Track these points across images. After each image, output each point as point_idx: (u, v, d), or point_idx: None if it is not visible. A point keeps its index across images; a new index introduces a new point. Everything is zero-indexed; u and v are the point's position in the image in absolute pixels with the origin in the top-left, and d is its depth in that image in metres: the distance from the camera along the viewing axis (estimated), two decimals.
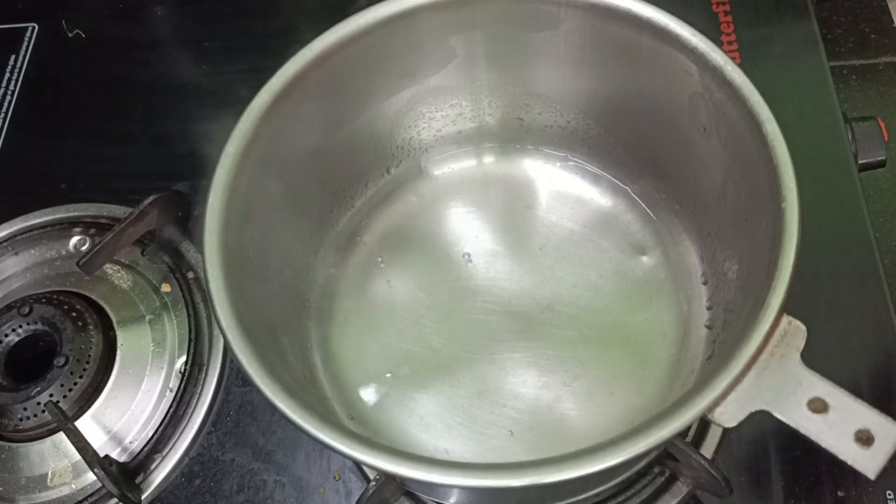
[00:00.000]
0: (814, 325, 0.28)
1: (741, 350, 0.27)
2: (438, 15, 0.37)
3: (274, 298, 0.39)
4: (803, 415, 0.27)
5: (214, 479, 0.41)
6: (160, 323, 0.44)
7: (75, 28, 0.59)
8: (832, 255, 0.42)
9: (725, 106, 0.32)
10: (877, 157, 0.41)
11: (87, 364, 0.42)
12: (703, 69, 0.33)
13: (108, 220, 0.48)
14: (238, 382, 0.43)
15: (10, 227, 0.49)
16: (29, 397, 0.41)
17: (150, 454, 0.41)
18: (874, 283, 0.41)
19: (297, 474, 0.40)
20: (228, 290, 0.31)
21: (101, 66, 0.57)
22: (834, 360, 0.38)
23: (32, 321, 0.43)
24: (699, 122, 0.35)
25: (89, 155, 0.53)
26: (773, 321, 0.27)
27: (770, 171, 0.30)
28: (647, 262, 0.41)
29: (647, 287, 0.41)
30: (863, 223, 0.42)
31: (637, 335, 0.39)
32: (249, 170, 0.34)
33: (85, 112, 0.55)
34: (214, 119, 0.35)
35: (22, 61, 0.58)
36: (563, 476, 0.25)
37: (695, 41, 0.33)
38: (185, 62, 0.56)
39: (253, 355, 0.29)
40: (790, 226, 0.28)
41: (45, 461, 0.42)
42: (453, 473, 0.26)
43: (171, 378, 0.43)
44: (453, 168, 0.46)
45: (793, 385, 0.28)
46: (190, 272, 0.46)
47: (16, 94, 0.56)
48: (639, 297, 0.40)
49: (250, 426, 0.42)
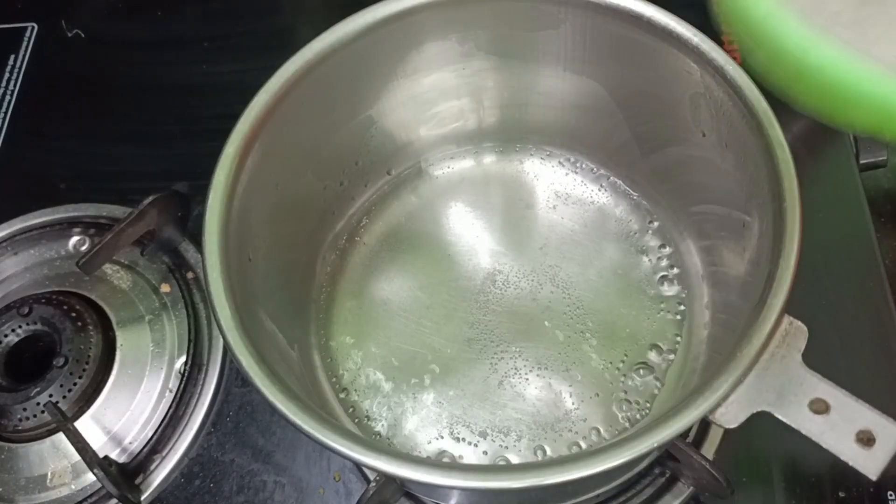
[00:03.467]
0: (815, 326, 0.28)
1: (742, 351, 0.27)
2: (439, 14, 0.37)
3: (274, 299, 0.39)
4: (805, 416, 0.27)
5: (214, 479, 0.41)
6: (160, 323, 0.44)
7: (75, 28, 0.59)
8: (834, 256, 0.42)
9: (726, 105, 0.32)
10: (878, 157, 0.41)
11: (86, 364, 0.42)
12: (704, 68, 0.33)
13: (107, 220, 0.48)
14: (238, 383, 0.43)
15: (9, 228, 0.48)
16: (28, 398, 0.41)
17: (149, 455, 0.41)
18: (876, 283, 0.41)
19: (297, 475, 0.40)
20: (228, 290, 0.31)
21: (101, 65, 0.57)
22: (835, 360, 0.38)
23: (32, 321, 0.43)
24: (700, 122, 0.35)
25: (89, 155, 0.53)
26: (775, 322, 0.27)
27: (771, 171, 0.30)
28: (648, 262, 0.41)
29: (648, 287, 0.41)
30: (864, 223, 0.42)
31: (637, 335, 0.39)
32: (249, 170, 0.34)
33: (84, 112, 0.55)
34: (214, 119, 0.35)
35: (21, 61, 0.58)
36: (565, 477, 0.25)
37: (696, 40, 0.33)
38: (184, 62, 0.56)
39: (253, 356, 0.29)
40: (791, 226, 0.28)
41: (45, 462, 0.41)
42: (454, 475, 0.26)
43: (170, 378, 0.43)
44: (453, 168, 0.46)
45: (794, 386, 0.28)
46: (189, 272, 0.46)
47: (15, 93, 0.56)
48: (639, 297, 0.40)
49: (250, 427, 0.42)
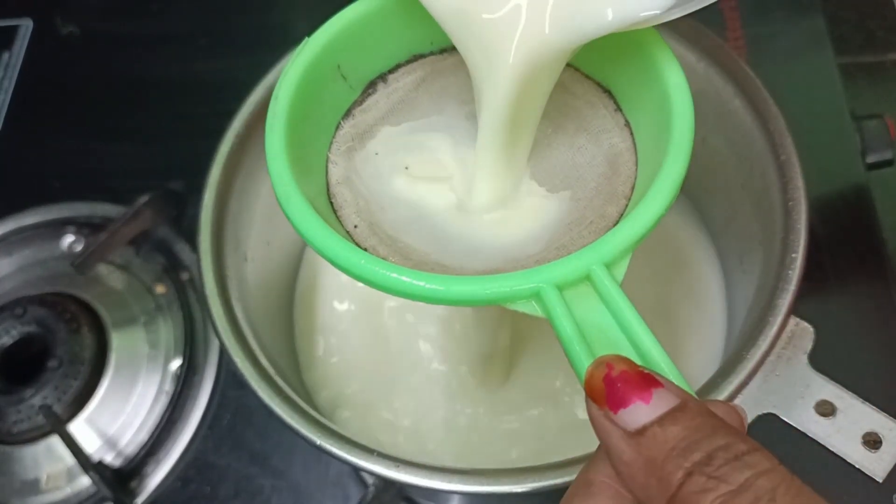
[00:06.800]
0: (822, 327, 0.28)
1: (749, 353, 0.26)
2: None
3: (271, 299, 0.38)
4: (811, 418, 0.27)
5: (210, 483, 0.40)
6: (154, 325, 0.44)
7: (70, 25, 0.58)
8: (841, 256, 0.41)
9: (732, 103, 0.32)
10: (884, 156, 0.40)
11: (80, 366, 0.41)
12: (710, 65, 0.32)
13: (101, 219, 0.48)
14: (234, 385, 0.42)
15: (2, 228, 0.48)
16: (22, 400, 0.40)
17: (144, 458, 0.41)
18: (883, 283, 0.41)
19: (294, 479, 0.40)
20: (224, 291, 0.30)
21: (96, 62, 0.57)
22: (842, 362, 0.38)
23: (26, 323, 0.42)
24: (704, 120, 0.35)
25: (83, 153, 0.53)
26: (781, 323, 0.27)
27: (777, 170, 0.29)
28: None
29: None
30: (872, 223, 0.42)
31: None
32: (245, 168, 0.33)
33: (79, 109, 0.55)
34: (209, 117, 0.34)
35: (16, 58, 0.57)
36: (566, 479, 0.25)
37: (700, 36, 0.32)
38: (179, 59, 0.55)
39: (249, 358, 0.29)
40: (797, 225, 0.28)
41: (40, 465, 0.41)
42: (454, 479, 0.26)
43: (165, 381, 0.42)
44: None
45: (800, 388, 0.27)
46: (184, 273, 0.46)
47: (10, 91, 0.56)
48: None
49: (246, 430, 0.41)
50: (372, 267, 0.19)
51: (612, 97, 0.24)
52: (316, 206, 0.21)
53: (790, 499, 0.14)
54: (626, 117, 0.24)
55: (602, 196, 0.22)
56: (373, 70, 0.25)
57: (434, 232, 0.23)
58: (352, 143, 0.24)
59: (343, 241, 0.20)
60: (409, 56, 0.26)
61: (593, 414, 0.16)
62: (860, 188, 0.42)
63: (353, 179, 0.24)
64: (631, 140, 0.23)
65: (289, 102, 0.22)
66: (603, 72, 0.24)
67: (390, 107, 0.25)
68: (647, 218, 0.19)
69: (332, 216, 0.22)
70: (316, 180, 0.23)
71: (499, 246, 0.22)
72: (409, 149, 0.25)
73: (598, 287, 0.19)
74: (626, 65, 0.23)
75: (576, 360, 0.17)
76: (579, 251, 0.19)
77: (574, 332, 0.18)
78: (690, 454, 0.14)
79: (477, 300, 0.19)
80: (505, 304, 0.19)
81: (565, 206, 0.23)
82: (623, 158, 0.23)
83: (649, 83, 0.22)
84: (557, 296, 0.18)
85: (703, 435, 0.15)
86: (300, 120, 0.22)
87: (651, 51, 0.22)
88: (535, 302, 0.19)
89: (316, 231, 0.20)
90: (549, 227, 0.23)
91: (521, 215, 0.23)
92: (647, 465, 0.15)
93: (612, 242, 0.19)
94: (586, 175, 0.23)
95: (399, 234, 0.22)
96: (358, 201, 0.23)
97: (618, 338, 0.18)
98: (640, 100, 0.23)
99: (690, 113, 0.21)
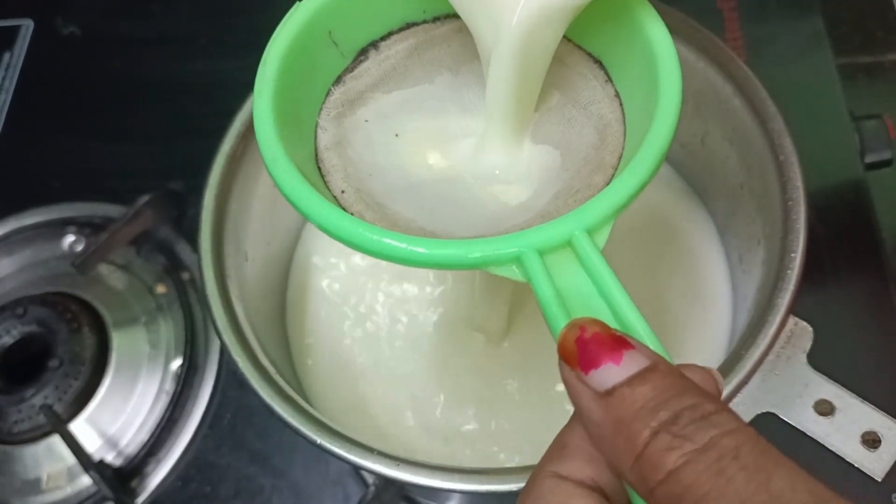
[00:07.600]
0: (821, 326, 0.28)
1: (748, 352, 0.26)
2: None
3: (272, 299, 0.38)
4: (810, 417, 0.27)
5: (211, 483, 0.40)
6: (155, 324, 0.44)
7: (70, 25, 0.58)
8: (840, 255, 0.41)
9: (731, 103, 0.32)
10: (883, 156, 0.41)
11: (81, 366, 0.41)
12: (709, 65, 0.32)
13: (102, 219, 0.48)
14: (234, 385, 0.42)
15: (3, 227, 0.48)
16: (23, 399, 0.40)
17: (145, 457, 0.41)
18: (881, 282, 0.41)
19: (295, 478, 0.40)
20: (225, 290, 0.30)
21: (97, 63, 0.57)
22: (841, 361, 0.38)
23: (27, 322, 0.43)
24: (704, 119, 0.35)
25: (83, 153, 0.53)
26: (780, 322, 0.27)
27: (777, 170, 0.29)
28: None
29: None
30: (871, 222, 0.42)
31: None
32: (245, 168, 0.34)
33: (80, 110, 0.55)
34: (210, 117, 0.34)
35: (17, 58, 0.57)
36: None
37: (699, 37, 0.32)
38: (180, 59, 0.55)
39: (249, 358, 0.29)
40: (797, 225, 0.28)
41: (40, 464, 0.41)
42: (454, 478, 0.26)
43: (166, 381, 0.42)
44: None
45: (799, 387, 0.27)
46: (185, 273, 0.46)
47: (10, 91, 0.56)
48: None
49: (247, 430, 0.41)
50: (357, 229, 0.19)
51: (602, 68, 0.24)
52: (305, 171, 0.20)
53: (754, 457, 0.14)
54: (616, 88, 0.24)
55: (590, 166, 0.22)
56: (365, 37, 0.25)
57: (422, 200, 0.23)
58: (342, 110, 0.24)
59: (328, 204, 0.20)
60: (402, 24, 0.25)
61: (565, 375, 0.16)
62: (859, 188, 0.42)
63: (343, 146, 0.23)
64: (620, 111, 0.23)
65: (277, 67, 0.22)
66: (593, 42, 0.24)
67: (382, 74, 0.25)
68: (629, 186, 0.19)
69: (321, 182, 0.22)
70: (305, 146, 0.23)
71: (487, 214, 0.22)
72: (400, 117, 0.24)
73: (579, 253, 0.19)
74: (616, 33, 0.23)
75: (553, 323, 0.17)
76: (561, 217, 0.19)
77: (553, 296, 0.18)
78: (657, 413, 0.14)
79: (460, 263, 0.19)
80: (487, 269, 0.19)
81: (555, 175, 0.23)
82: (612, 129, 0.23)
83: (638, 49, 0.22)
84: (538, 260, 0.18)
85: (671, 395, 0.15)
86: (289, 85, 0.22)
87: (639, 17, 0.22)
88: (517, 266, 0.19)
89: (301, 193, 0.20)
90: (538, 196, 0.23)
91: (510, 184, 0.23)
92: (615, 424, 0.15)
93: (593, 209, 0.19)
94: (576, 145, 0.24)
95: (387, 200, 0.22)
96: (346, 167, 0.23)
97: (597, 303, 0.18)
98: (629, 67, 0.23)
99: (678, 78, 0.21)
